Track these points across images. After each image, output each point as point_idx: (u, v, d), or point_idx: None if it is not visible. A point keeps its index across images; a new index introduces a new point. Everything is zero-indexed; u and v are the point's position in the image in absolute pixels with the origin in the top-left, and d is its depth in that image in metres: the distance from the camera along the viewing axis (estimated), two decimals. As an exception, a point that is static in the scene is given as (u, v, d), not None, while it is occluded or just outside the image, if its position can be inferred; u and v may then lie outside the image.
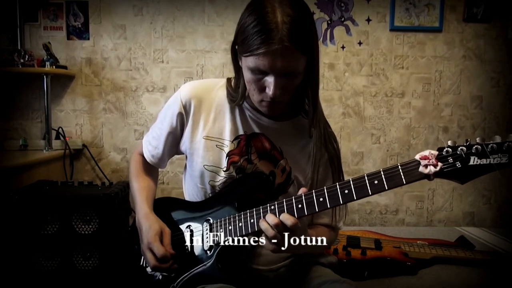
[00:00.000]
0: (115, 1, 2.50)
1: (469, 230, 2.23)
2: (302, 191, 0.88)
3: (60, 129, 2.48)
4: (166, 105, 1.12)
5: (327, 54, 2.57)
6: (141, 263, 1.11)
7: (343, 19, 2.56)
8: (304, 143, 1.05)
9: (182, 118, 1.06)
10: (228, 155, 1.04)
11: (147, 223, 1.03)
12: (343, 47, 2.57)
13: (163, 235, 1.01)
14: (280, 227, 0.84)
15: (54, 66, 2.35)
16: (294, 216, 0.85)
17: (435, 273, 1.55)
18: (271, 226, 0.85)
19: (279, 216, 0.86)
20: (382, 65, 2.60)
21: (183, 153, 1.13)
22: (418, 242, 1.78)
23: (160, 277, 1.06)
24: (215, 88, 1.07)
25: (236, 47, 0.95)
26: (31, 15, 2.46)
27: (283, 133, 1.06)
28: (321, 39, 2.56)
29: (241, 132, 1.05)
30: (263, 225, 0.86)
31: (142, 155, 1.20)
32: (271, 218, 0.85)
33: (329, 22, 2.56)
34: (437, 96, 2.63)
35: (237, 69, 1.00)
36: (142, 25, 2.52)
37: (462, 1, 2.55)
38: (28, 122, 2.53)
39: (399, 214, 2.68)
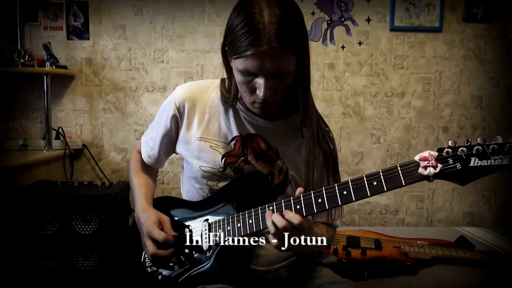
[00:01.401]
0: (115, 1, 2.50)
1: (469, 230, 2.22)
2: (299, 191, 0.87)
3: (60, 129, 2.48)
4: (161, 107, 1.12)
5: (327, 54, 2.57)
6: (142, 260, 1.12)
7: (343, 19, 2.56)
8: (299, 142, 1.04)
9: (177, 120, 1.07)
10: (224, 156, 1.04)
11: (145, 215, 1.04)
12: (343, 47, 2.57)
13: (162, 223, 1.02)
14: (288, 228, 0.82)
15: (54, 66, 2.34)
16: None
17: (435, 273, 1.55)
18: (277, 227, 0.83)
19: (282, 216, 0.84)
20: (382, 65, 2.59)
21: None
22: (418, 242, 1.78)
23: (160, 277, 1.06)
24: (209, 90, 1.07)
25: (226, 48, 0.93)
26: (31, 15, 2.46)
27: (278, 133, 1.05)
28: (321, 39, 2.56)
29: (236, 133, 1.04)
30: (270, 226, 0.84)
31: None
32: (277, 219, 0.83)
33: (329, 22, 2.55)
34: (437, 96, 2.63)
35: (229, 70, 0.99)
36: (142, 25, 2.52)
37: (462, 1, 2.55)
38: (28, 122, 2.53)
39: (399, 214, 2.68)
